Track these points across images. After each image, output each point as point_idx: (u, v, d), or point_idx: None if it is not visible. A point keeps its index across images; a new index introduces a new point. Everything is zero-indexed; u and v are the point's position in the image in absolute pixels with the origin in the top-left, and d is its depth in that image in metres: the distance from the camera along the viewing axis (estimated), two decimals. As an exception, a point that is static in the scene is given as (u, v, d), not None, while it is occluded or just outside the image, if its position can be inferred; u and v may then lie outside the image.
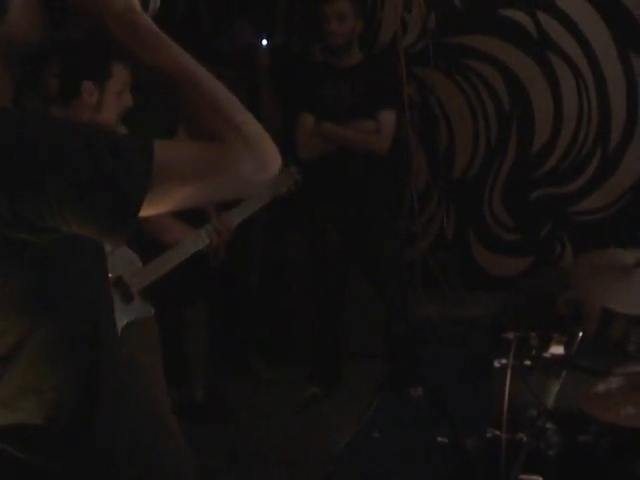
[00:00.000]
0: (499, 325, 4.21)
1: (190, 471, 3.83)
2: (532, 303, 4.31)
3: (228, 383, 5.48)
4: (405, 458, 4.47)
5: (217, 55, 5.63)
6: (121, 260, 3.35)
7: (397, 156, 5.45)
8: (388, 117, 5.02)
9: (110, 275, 2.36)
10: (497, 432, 3.42)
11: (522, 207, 6.27)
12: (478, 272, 6.45)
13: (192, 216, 4.03)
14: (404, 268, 5.69)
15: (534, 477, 3.22)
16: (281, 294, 6.11)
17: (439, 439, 4.02)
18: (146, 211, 1.49)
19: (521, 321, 4.04)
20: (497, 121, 6.27)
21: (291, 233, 5.94)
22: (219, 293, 5.32)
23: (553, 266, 6.01)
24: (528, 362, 3.56)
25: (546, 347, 3.62)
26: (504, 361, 3.56)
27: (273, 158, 1.58)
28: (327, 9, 4.98)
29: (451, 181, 6.43)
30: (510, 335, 3.63)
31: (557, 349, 3.61)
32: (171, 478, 3.74)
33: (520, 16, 6.04)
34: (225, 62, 5.52)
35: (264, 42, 5.59)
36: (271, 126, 5.47)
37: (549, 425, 3.33)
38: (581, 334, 3.50)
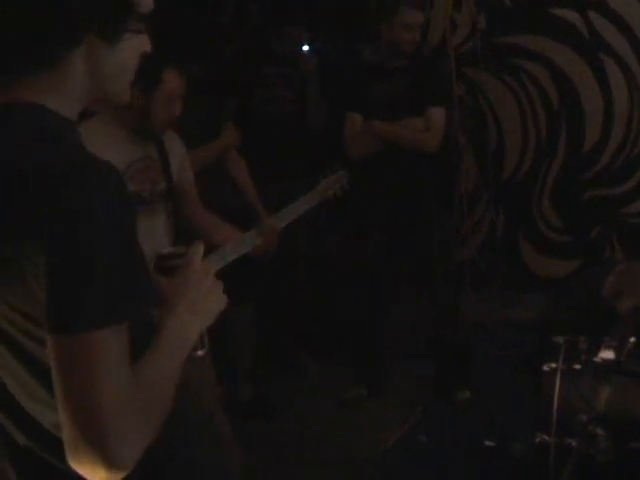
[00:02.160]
0: (547, 327, 4.17)
1: (237, 468, 3.83)
2: (579, 303, 4.25)
3: (275, 381, 5.48)
4: (451, 462, 4.45)
5: (268, 54, 5.64)
6: None
7: (446, 156, 5.41)
8: (438, 114, 4.99)
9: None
10: (546, 437, 3.38)
11: (572, 208, 6.21)
12: (527, 274, 6.40)
13: (240, 218, 4.04)
14: (453, 269, 5.65)
15: (584, 484, 3.18)
16: (328, 292, 6.10)
17: (486, 443, 3.99)
18: None
19: (570, 323, 4.00)
20: (547, 121, 6.21)
21: (338, 232, 5.93)
22: (266, 289, 5.31)
23: (602, 265, 5.95)
24: (578, 366, 3.51)
25: (596, 351, 3.56)
26: (553, 365, 3.52)
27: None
28: (412, 20, 4.97)
29: (500, 182, 6.38)
30: (559, 339, 3.59)
31: (607, 353, 3.55)
32: (218, 475, 3.76)
33: (571, 15, 5.98)
34: (275, 61, 5.53)
35: (305, 48, 5.60)
36: (317, 126, 5.51)
37: (600, 431, 3.28)
38: (632, 339, 3.43)
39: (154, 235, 3.44)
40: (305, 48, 5.56)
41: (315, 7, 6.53)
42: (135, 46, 1.64)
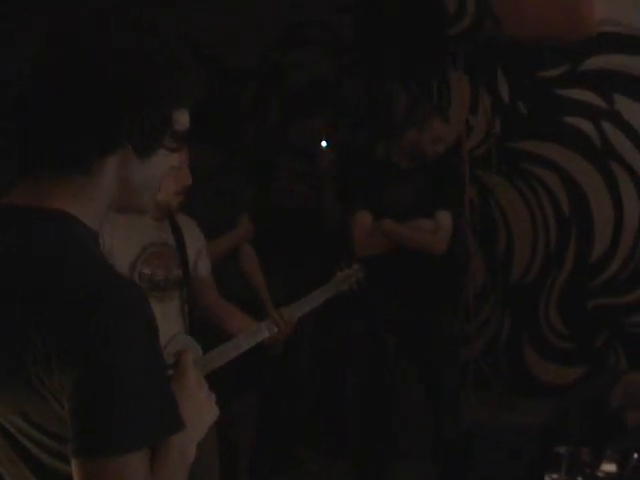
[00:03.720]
0: (550, 435, 4.16)
1: None
2: (584, 412, 4.24)
3: (275, 474, 5.43)
4: None
5: (285, 147, 5.70)
6: (183, 345, 3.34)
7: (455, 257, 5.43)
8: (447, 217, 5.02)
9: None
10: None
11: (578, 315, 6.21)
12: (530, 378, 6.37)
13: (249, 309, 4.05)
14: (457, 370, 5.63)
15: None
16: (330, 386, 6.07)
17: None
18: None
19: (572, 432, 3.98)
20: (557, 227, 6.25)
21: (345, 329, 5.93)
22: (269, 381, 5.29)
23: (608, 374, 5.92)
24: (580, 479, 3.49)
25: (599, 464, 3.54)
26: (555, 476, 3.50)
27: None
28: (440, 132, 5.05)
29: (508, 285, 6.40)
30: (562, 449, 3.57)
31: (610, 467, 3.53)
32: None
33: (584, 124, 6.05)
34: (292, 154, 5.59)
35: (324, 144, 5.63)
36: (330, 222, 5.55)
37: None
38: (636, 455, 3.42)
39: (166, 320, 3.43)
40: (323, 144, 5.60)
41: (338, 101, 6.61)
42: (166, 162, 1.65)
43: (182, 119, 1.65)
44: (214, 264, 4.27)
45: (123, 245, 3.28)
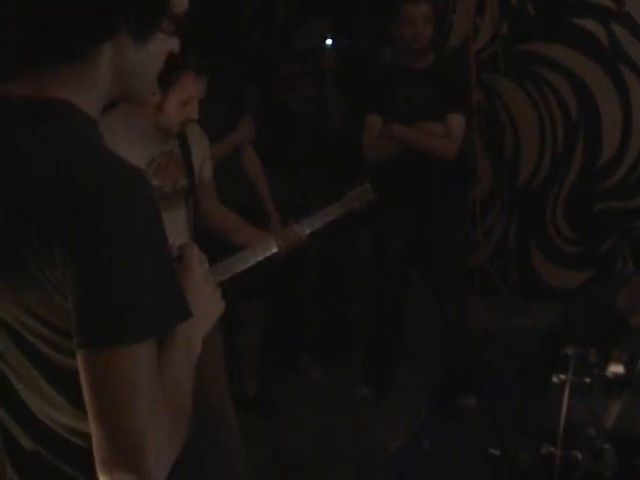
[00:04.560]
0: (557, 338, 4.16)
1: (243, 467, 3.84)
2: (591, 314, 4.24)
3: (279, 380, 5.46)
4: (454, 469, 4.44)
5: (288, 49, 5.64)
6: None
7: (463, 161, 5.39)
8: (458, 121, 4.95)
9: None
10: (552, 449, 3.37)
11: (585, 219, 6.19)
12: (537, 282, 6.39)
13: (253, 214, 4.02)
14: (464, 275, 5.63)
15: (589, 498, 3.17)
16: (338, 293, 6.09)
17: (491, 451, 3.97)
18: None
19: (580, 334, 3.98)
20: (564, 131, 6.19)
21: (352, 232, 5.92)
22: (276, 286, 5.29)
23: (614, 277, 5.92)
24: (588, 379, 3.50)
25: (606, 365, 3.55)
26: (562, 377, 3.50)
27: None
28: (413, 11, 4.89)
29: (515, 189, 6.37)
30: (569, 350, 3.57)
31: (618, 368, 3.54)
32: (227, 473, 3.77)
33: (593, 26, 5.96)
34: (296, 56, 5.53)
35: (328, 42, 5.55)
36: (336, 125, 5.51)
37: (607, 446, 3.27)
38: (645, 355, 3.42)
39: (174, 229, 3.41)
40: (328, 42, 5.51)
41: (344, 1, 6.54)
42: (164, 47, 1.61)
43: (180, 1, 1.61)
44: (216, 167, 4.25)
45: (130, 157, 3.24)
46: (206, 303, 1.68)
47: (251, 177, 4.78)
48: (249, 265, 3.52)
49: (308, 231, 3.81)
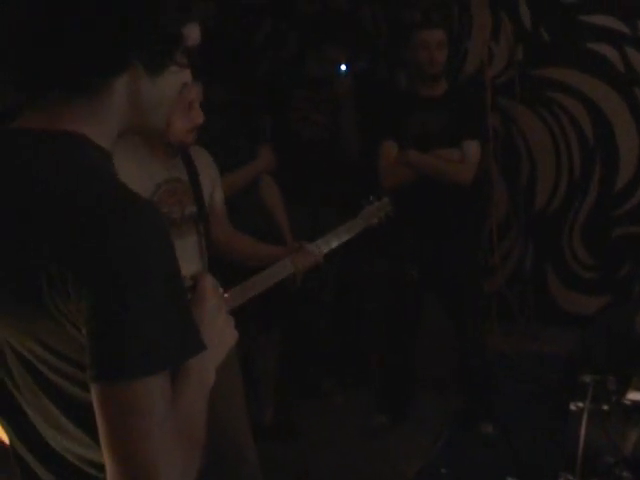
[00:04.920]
0: (574, 365, 4.15)
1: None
2: (609, 340, 4.22)
3: (298, 405, 5.45)
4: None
5: (302, 75, 5.65)
6: None
7: (479, 187, 5.39)
8: (473, 147, 4.95)
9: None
10: (570, 477, 3.36)
11: (602, 245, 6.18)
12: (554, 308, 6.37)
13: (269, 242, 4.00)
14: (481, 300, 5.61)
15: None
16: (356, 319, 6.09)
17: (509, 479, 3.96)
18: None
19: (597, 361, 3.97)
20: (580, 156, 6.20)
21: (370, 258, 5.92)
22: (292, 313, 5.29)
23: (633, 302, 5.90)
24: (606, 407, 3.48)
25: (625, 392, 3.53)
26: (581, 404, 3.49)
27: None
28: (427, 37, 4.92)
29: (531, 214, 6.36)
30: (587, 378, 3.56)
31: (636, 395, 3.52)
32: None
33: (608, 50, 5.97)
34: (310, 83, 5.54)
35: (343, 67, 5.55)
36: (350, 151, 5.50)
37: (626, 474, 3.26)
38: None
39: (185, 257, 3.38)
40: (342, 68, 5.51)
41: (359, 26, 6.57)
42: (177, 79, 1.62)
43: (193, 34, 1.61)
44: (234, 196, 4.24)
45: (136, 184, 3.23)
46: (220, 333, 1.67)
47: (270, 207, 4.76)
48: (266, 287, 3.51)
49: (324, 250, 3.76)
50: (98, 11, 1.46)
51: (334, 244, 3.77)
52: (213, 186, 3.69)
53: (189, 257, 3.47)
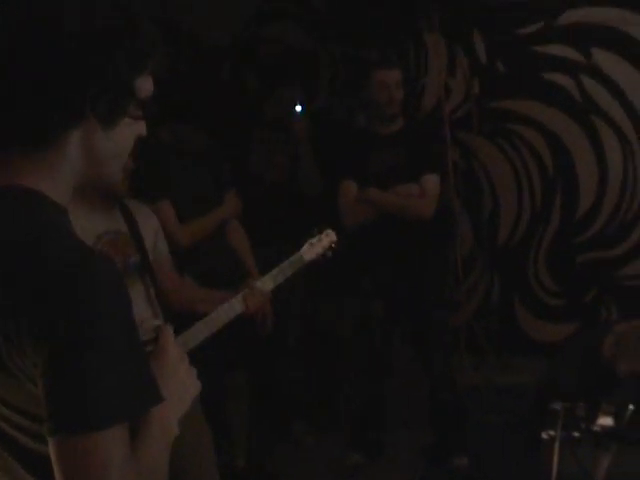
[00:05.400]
0: (544, 393, 4.15)
1: None
2: (577, 367, 4.22)
3: (270, 449, 5.42)
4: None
5: (261, 118, 5.67)
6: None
7: (441, 221, 5.40)
8: (433, 181, 4.98)
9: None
10: (545, 506, 3.35)
11: (567, 272, 6.21)
12: (523, 338, 6.38)
13: (222, 283, 3.99)
14: (449, 335, 5.61)
15: None
16: (323, 360, 6.07)
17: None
18: None
19: (567, 387, 3.97)
20: (541, 185, 6.24)
21: (334, 299, 5.92)
22: (257, 357, 5.26)
23: (600, 327, 5.92)
24: (577, 434, 3.48)
25: (595, 418, 3.53)
26: (552, 433, 3.49)
27: None
28: (385, 77, 4.97)
29: (495, 247, 6.39)
30: (557, 405, 3.56)
31: (606, 420, 3.52)
32: None
33: (564, 80, 6.04)
34: (268, 125, 5.56)
35: (298, 108, 5.55)
36: (311, 191, 5.51)
37: (599, 501, 3.26)
38: (631, 407, 3.41)
39: (134, 306, 3.35)
40: (298, 109, 5.52)
41: (317, 66, 6.61)
42: (132, 131, 1.63)
43: (146, 86, 1.62)
44: (202, 241, 4.26)
45: (81, 235, 3.20)
46: (182, 384, 1.67)
47: (237, 250, 4.76)
48: (219, 327, 3.50)
49: (271, 287, 3.75)
50: (49, 68, 1.47)
51: (280, 279, 3.75)
52: (155, 236, 3.67)
53: (138, 305, 3.43)
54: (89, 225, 3.31)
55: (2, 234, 1.47)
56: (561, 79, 6.06)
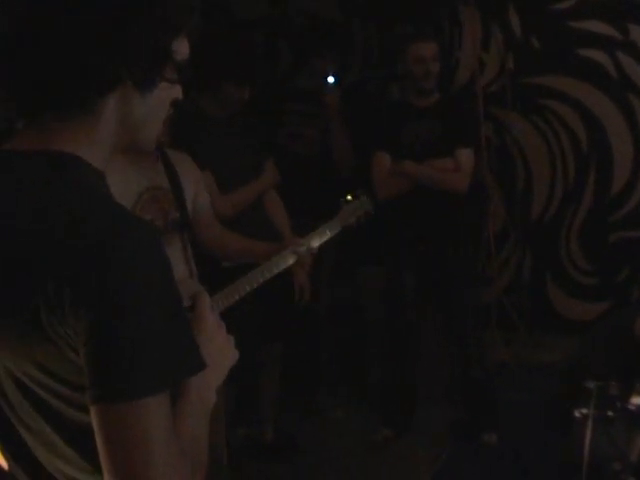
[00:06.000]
0: (576, 371, 4.12)
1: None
2: (609, 345, 4.19)
3: (298, 422, 5.42)
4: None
5: (294, 91, 5.64)
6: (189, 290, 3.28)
7: (474, 197, 5.37)
8: (467, 155, 4.95)
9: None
10: (577, 484, 3.33)
11: (600, 250, 6.16)
12: (554, 315, 6.35)
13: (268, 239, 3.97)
14: (480, 311, 5.59)
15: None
16: (354, 333, 6.07)
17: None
18: None
19: (599, 367, 3.94)
20: (575, 162, 6.19)
21: (366, 270, 5.90)
22: (293, 328, 5.25)
23: (632, 305, 5.87)
24: (610, 413, 3.45)
25: (628, 397, 3.51)
26: (585, 411, 3.47)
27: None
28: (422, 50, 4.93)
29: (528, 223, 6.35)
30: (590, 384, 3.54)
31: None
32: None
33: (599, 56, 5.97)
34: (301, 98, 5.52)
35: (331, 79, 5.49)
36: (343, 163, 5.48)
37: (632, 480, 3.24)
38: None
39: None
40: (330, 80, 5.45)
41: (350, 38, 6.57)
42: (168, 95, 1.62)
43: (182, 49, 1.60)
44: (239, 213, 4.25)
45: (119, 194, 3.19)
46: (220, 352, 1.66)
47: (276, 221, 4.72)
48: (266, 278, 3.47)
49: (317, 244, 3.72)
50: (83, 33, 1.46)
51: (315, 244, 3.72)
52: (196, 189, 3.67)
53: (174, 264, 3.42)
54: (130, 183, 3.31)
55: (42, 200, 1.46)
56: (596, 55, 5.99)
